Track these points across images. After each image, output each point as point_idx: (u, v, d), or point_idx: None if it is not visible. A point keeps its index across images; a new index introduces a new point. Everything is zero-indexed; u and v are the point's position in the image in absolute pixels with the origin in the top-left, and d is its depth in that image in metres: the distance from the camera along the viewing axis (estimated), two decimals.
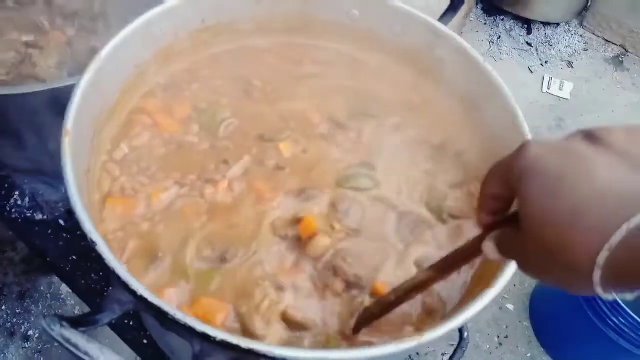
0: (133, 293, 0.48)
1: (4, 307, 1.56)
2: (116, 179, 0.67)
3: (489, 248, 0.41)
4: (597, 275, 0.32)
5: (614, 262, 0.31)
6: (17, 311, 1.57)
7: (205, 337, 0.47)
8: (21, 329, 1.53)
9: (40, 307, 1.59)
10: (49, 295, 1.62)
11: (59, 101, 0.73)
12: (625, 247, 0.30)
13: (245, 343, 0.47)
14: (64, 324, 0.44)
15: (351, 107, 0.77)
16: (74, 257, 0.89)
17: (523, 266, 0.39)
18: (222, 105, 0.75)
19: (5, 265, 1.61)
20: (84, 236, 0.51)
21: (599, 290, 0.33)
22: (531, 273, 0.39)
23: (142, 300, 0.48)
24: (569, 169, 0.33)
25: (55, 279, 1.59)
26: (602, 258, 0.31)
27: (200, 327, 0.47)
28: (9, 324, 1.53)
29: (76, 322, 0.46)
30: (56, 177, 1.00)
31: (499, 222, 0.42)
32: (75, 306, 1.62)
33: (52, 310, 1.59)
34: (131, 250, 0.62)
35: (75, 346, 0.43)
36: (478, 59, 0.73)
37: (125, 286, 0.49)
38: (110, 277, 0.52)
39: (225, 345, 0.47)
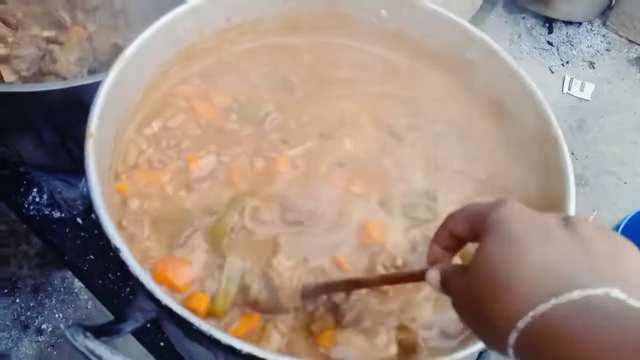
0: (157, 302, 0.47)
1: (17, 300, 1.57)
2: (143, 152, 0.66)
3: (433, 276, 0.43)
4: (512, 337, 0.33)
5: (531, 332, 0.33)
6: (31, 304, 1.57)
7: (230, 350, 0.46)
8: (35, 322, 1.53)
9: (54, 301, 1.59)
10: (62, 289, 1.62)
11: (79, 99, 0.72)
12: (546, 321, 0.32)
13: (272, 357, 0.46)
14: (88, 334, 0.43)
15: (398, 115, 0.74)
16: (92, 257, 0.88)
17: (455, 305, 0.41)
18: (264, 99, 0.74)
19: (19, 258, 1.62)
20: (101, 235, 0.50)
21: (510, 353, 0.34)
22: (460, 314, 0.41)
23: (166, 309, 0.47)
24: (528, 235, 0.35)
25: (69, 273, 1.59)
26: (522, 323, 0.33)
27: (226, 339, 0.45)
28: (23, 317, 1.54)
29: (99, 332, 0.45)
30: (75, 175, 1.00)
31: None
32: (88, 301, 1.62)
33: (66, 305, 1.59)
34: (150, 224, 0.61)
35: (99, 358, 0.42)
36: (510, 62, 0.70)
37: (149, 295, 0.47)
38: (133, 284, 0.51)
39: (251, 359, 0.45)
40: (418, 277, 0.47)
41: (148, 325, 0.82)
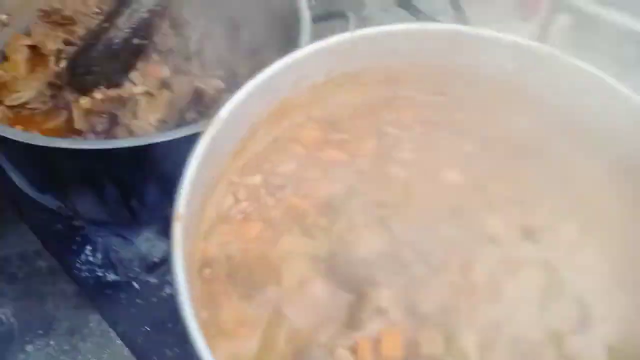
0: None
1: (52, 342, 1.47)
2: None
3: None
4: None
5: None
6: (65, 347, 1.47)
7: None
8: None
9: (89, 345, 1.49)
10: (98, 332, 1.52)
11: (146, 156, 0.63)
12: None
13: None
14: None
15: None
16: (147, 328, 0.78)
17: None
18: None
19: (57, 297, 1.53)
20: (159, 304, 0.41)
21: None
22: None
23: None
24: None
25: None
26: None
27: None
28: None
29: None
30: (131, 229, 0.90)
31: None
32: (125, 347, 1.52)
33: (101, 349, 1.49)
34: None
35: None
36: None
37: None
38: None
39: None
40: None
41: None
